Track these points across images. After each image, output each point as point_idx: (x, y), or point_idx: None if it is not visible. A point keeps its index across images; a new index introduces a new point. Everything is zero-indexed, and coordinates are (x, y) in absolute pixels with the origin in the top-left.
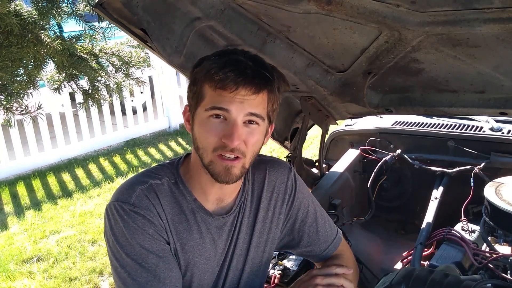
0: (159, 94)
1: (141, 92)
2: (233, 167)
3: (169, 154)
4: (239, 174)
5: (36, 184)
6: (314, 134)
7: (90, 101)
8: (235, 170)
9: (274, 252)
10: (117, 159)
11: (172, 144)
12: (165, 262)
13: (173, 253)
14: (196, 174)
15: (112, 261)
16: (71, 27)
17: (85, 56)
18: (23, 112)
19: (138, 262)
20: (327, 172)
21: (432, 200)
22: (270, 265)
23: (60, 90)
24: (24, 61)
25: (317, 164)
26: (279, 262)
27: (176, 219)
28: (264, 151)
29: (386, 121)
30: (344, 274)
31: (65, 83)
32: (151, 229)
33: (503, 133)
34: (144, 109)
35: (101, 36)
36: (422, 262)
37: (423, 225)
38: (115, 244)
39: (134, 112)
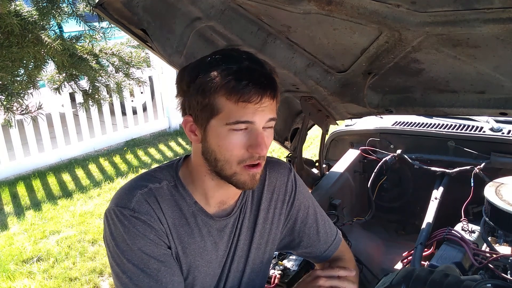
0: (159, 94)
1: (141, 92)
2: (257, 173)
3: (169, 154)
4: (260, 177)
5: (36, 184)
6: (314, 134)
7: (90, 101)
8: (258, 175)
9: (275, 253)
10: (117, 159)
11: (172, 144)
12: (167, 266)
13: (175, 257)
14: (200, 179)
15: (113, 266)
16: (71, 27)
17: (85, 56)
18: (24, 112)
19: (140, 268)
20: (327, 172)
21: (432, 201)
22: (271, 265)
23: (60, 90)
24: (25, 61)
25: (317, 164)
26: (279, 262)
27: (177, 223)
28: None
29: (386, 121)
30: (347, 277)
31: (65, 83)
32: (151, 234)
33: (503, 133)
34: (144, 109)
35: (101, 36)
36: (422, 262)
37: (423, 225)
38: (115, 250)
39: (134, 112)
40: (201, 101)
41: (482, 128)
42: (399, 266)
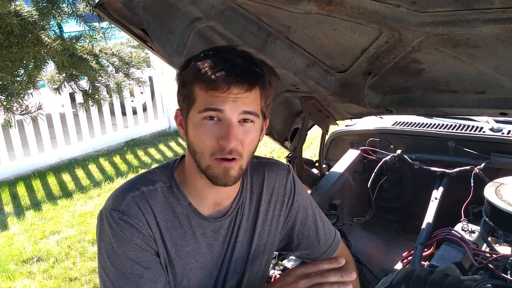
0: (159, 94)
1: (141, 93)
2: (231, 168)
3: (169, 154)
4: (237, 175)
5: (36, 184)
6: (314, 135)
7: (90, 101)
8: (233, 171)
9: (275, 253)
10: (117, 159)
11: (172, 144)
12: (150, 273)
13: (164, 262)
14: (192, 178)
15: (99, 267)
16: (71, 27)
17: (85, 56)
18: (23, 112)
19: (122, 272)
20: (327, 173)
21: (432, 201)
22: (270, 265)
23: (60, 91)
24: (25, 62)
25: (317, 164)
26: (279, 262)
27: (170, 226)
28: (264, 151)
29: (386, 122)
30: (331, 270)
31: (65, 83)
32: (138, 239)
33: (503, 133)
34: (144, 109)
35: (101, 36)
36: (422, 262)
37: (423, 226)
38: (101, 252)
39: (134, 112)
40: (182, 93)
41: (482, 128)
42: (399, 266)
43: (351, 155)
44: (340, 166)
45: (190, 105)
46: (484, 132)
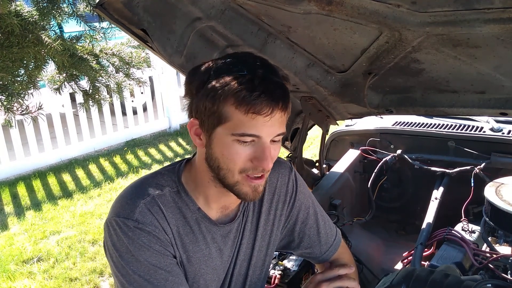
0: (159, 94)
1: (142, 93)
2: (260, 185)
3: (170, 154)
4: (263, 189)
5: (37, 184)
6: (314, 135)
7: (90, 101)
8: (261, 187)
9: (275, 253)
10: (117, 159)
11: (173, 144)
12: (173, 276)
13: (179, 265)
14: (203, 184)
15: (117, 276)
16: (71, 27)
17: (86, 56)
18: (24, 112)
19: (146, 279)
20: (327, 173)
21: (433, 201)
22: (271, 265)
23: (61, 91)
24: (25, 62)
25: (317, 164)
26: (280, 262)
27: (182, 231)
28: None
29: (387, 122)
30: (347, 275)
31: (66, 83)
32: (157, 245)
33: (503, 133)
34: (145, 109)
35: (101, 37)
36: (422, 262)
37: (424, 226)
38: (119, 261)
39: (135, 112)
40: (209, 107)
41: (482, 128)
42: (399, 266)
43: (351, 155)
44: (340, 166)
45: (220, 122)
46: (484, 132)
